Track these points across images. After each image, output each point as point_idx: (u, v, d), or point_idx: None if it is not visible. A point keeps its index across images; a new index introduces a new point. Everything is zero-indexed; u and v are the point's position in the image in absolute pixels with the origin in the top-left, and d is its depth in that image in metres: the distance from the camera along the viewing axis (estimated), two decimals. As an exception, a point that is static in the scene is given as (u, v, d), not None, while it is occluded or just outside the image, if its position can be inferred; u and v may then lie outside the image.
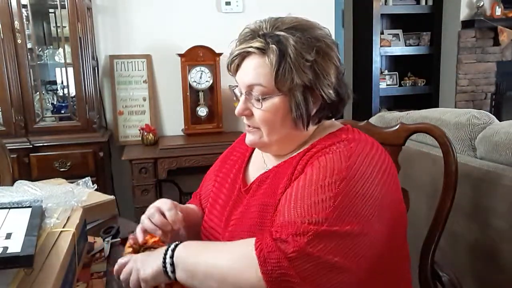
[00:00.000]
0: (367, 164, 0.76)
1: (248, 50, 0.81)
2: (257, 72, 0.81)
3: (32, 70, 2.28)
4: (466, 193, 1.22)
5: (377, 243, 0.73)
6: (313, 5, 2.70)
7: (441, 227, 1.05)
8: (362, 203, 0.72)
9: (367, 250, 0.71)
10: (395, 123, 1.13)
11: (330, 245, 0.67)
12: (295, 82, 0.79)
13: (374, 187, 0.74)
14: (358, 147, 0.78)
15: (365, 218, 0.71)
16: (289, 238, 0.67)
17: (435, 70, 4.09)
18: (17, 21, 2.18)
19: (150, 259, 0.77)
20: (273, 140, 0.85)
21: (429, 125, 1.09)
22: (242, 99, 0.85)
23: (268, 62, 0.79)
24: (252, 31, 0.83)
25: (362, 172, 0.74)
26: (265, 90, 0.80)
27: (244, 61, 0.83)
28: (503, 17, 3.81)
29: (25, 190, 1.00)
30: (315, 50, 0.79)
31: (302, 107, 0.81)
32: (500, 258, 1.15)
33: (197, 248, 0.78)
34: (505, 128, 1.26)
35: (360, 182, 0.73)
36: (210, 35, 2.66)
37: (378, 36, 3.89)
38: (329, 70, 0.81)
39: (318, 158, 0.77)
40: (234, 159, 1.02)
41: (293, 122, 0.83)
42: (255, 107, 0.83)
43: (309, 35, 0.80)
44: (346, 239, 0.69)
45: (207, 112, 2.62)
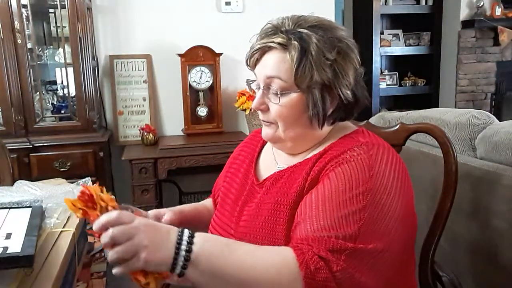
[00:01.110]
0: (388, 172, 0.76)
1: (270, 45, 0.82)
2: (278, 66, 0.81)
3: (32, 70, 2.28)
4: (466, 193, 1.22)
5: (396, 256, 0.73)
6: (313, 5, 2.70)
7: (441, 227, 1.05)
8: (388, 217, 0.72)
9: (387, 265, 0.71)
10: (395, 123, 1.13)
11: (362, 264, 0.68)
12: (314, 80, 0.79)
13: (396, 197, 0.74)
14: (378, 154, 0.77)
15: (390, 233, 0.71)
16: (329, 256, 0.66)
17: (435, 70, 4.09)
18: (17, 21, 2.18)
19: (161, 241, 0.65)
20: (288, 136, 0.85)
21: (429, 125, 1.09)
22: (260, 93, 0.85)
23: (289, 58, 0.79)
24: (274, 27, 0.83)
25: (385, 182, 0.74)
26: (284, 85, 0.81)
27: (265, 55, 0.84)
28: (503, 17, 3.81)
29: (25, 190, 1.00)
30: (336, 50, 0.80)
31: (319, 106, 0.81)
32: (500, 258, 1.15)
33: (221, 246, 0.69)
34: (505, 128, 1.26)
35: (384, 193, 0.73)
36: (210, 35, 2.66)
37: (378, 36, 3.90)
38: (348, 71, 0.82)
39: (341, 165, 0.76)
40: (244, 154, 1.01)
41: (308, 120, 0.83)
42: (272, 102, 0.83)
43: (331, 34, 0.81)
44: (375, 257, 0.69)
45: (207, 112, 2.62)
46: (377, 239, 0.69)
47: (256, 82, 0.87)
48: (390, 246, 0.71)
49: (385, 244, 0.70)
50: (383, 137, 1.10)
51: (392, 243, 0.72)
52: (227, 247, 0.69)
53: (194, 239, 0.67)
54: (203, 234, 0.70)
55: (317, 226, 0.70)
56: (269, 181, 0.88)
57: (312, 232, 0.70)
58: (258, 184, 0.90)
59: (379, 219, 0.71)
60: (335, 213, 0.71)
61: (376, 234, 0.69)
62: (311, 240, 0.69)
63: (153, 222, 0.69)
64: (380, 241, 0.69)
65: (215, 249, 0.68)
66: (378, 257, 0.69)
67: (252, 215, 0.86)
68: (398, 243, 0.73)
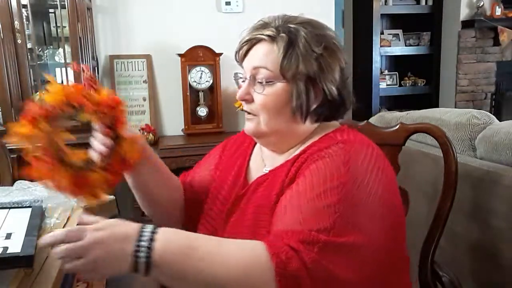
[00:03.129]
0: (364, 167, 0.75)
1: (259, 37, 0.83)
2: (265, 56, 0.82)
3: (32, 70, 2.28)
4: (466, 193, 1.22)
5: (377, 252, 0.72)
6: (313, 5, 2.70)
7: (441, 227, 1.05)
8: (364, 211, 0.71)
9: (368, 260, 0.70)
10: (395, 123, 1.13)
11: (336, 257, 0.67)
12: (300, 70, 0.80)
13: (373, 192, 0.73)
14: (355, 150, 0.77)
15: (367, 227, 0.71)
16: (300, 247, 0.65)
17: (435, 70, 4.09)
18: (17, 21, 2.18)
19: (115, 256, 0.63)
20: (270, 130, 0.85)
21: (429, 125, 1.09)
22: (246, 83, 0.86)
23: (276, 48, 0.81)
24: (265, 23, 0.85)
25: (361, 177, 0.73)
26: (270, 75, 0.82)
27: (253, 47, 0.85)
28: (503, 17, 3.81)
29: (25, 190, 1.00)
30: (323, 45, 0.82)
31: (303, 97, 0.82)
32: (500, 258, 1.15)
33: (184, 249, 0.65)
34: (505, 128, 1.26)
35: (360, 188, 0.72)
36: (210, 35, 2.66)
37: (378, 36, 3.89)
38: (334, 67, 0.83)
39: (316, 162, 0.77)
40: (236, 155, 1.00)
41: (291, 113, 0.83)
42: (257, 92, 0.84)
43: (319, 31, 0.83)
44: (351, 251, 0.68)
45: (207, 112, 2.62)
46: (353, 233, 0.68)
47: (243, 75, 0.88)
48: (369, 242, 0.70)
49: (363, 239, 0.69)
50: (383, 137, 1.10)
51: (371, 239, 0.71)
52: (191, 250, 0.66)
53: (155, 243, 0.64)
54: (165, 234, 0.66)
55: (290, 220, 0.70)
56: (253, 185, 0.88)
57: (285, 226, 0.70)
58: (241, 194, 0.90)
59: (355, 213, 0.70)
60: (309, 207, 0.70)
61: (351, 228, 0.69)
62: (284, 233, 0.68)
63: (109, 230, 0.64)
64: (356, 235, 0.68)
65: (177, 253, 0.65)
66: (355, 252, 0.68)
67: (237, 220, 0.86)
68: (378, 240, 0.72)
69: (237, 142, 1.03)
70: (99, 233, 0.63)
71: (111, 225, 0.65)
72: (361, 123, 1.19)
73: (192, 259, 0.64)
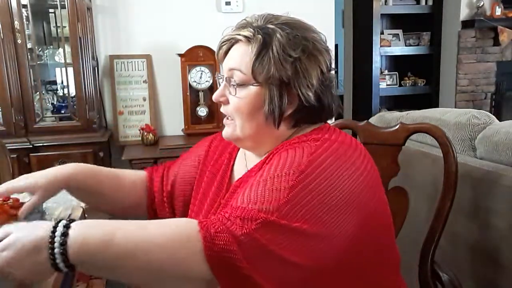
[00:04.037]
0: (331, 162, 0.73)
1: (236, 37, 0.82)
2: (240, 58, 0.81)
3: (32, 70, 2.28)
4: (466, 193, 1.22)
5: (341, 245, 0.71)
6: (313, 5, 2.70)
7: (441, 227, 1.05)
8: (319, 202, 0.69)
9: (327, 251, 0.69)
10: (395, 123, 1.13)
11: (278, 237, 0.65)
12: (272, 74, 0.78)
13: (336, 185, 0.71)
14: (326, 145, 0.75)
15: (320, 219, 0.68)
16: (236, 220, 0.64)
17: (435, 70, 4.09)
18: (17, 21, 2.18)
19: (30, 262, 0.61)
20: (245, 134, 0.84)
21: (429, 125, 1.09)
22: (222, 85, 0.85)
23: (251, 51, 0.79)
24: (247, 23, 0.84)
25: (323, 170, 0.71)
26: (243, 78, 0.81)
27: (232, 48, 0.84)
28: (503, 17, 3.80)
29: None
30: (301, 48, 0.79)
31: (275, 103, 0.79)
32: (500, 258, 1.15)
33: (105, 238, 0.62)
34: (505, 128, 1.26)
35: (319, 180, 0.70)
36: (210, 35, 2.65)
37: (378, 36, 3.89)
38: (312, 71, 0.80)
39: (281, 153, 0.75)
40: (221, 160, 0.99)
41: (264, 117, 0.81)
42: (231, 94, 0.83)
43: (299, 33, 0.80)
44: (297, 236, 0.66)
45: (207, 112, 2.62)
46: (305, 221, 0.66)
47: (222, 75, 0.87)
48: (327, 233, 0.68)
49: (318, 229, 0.67)
50: (383, 137, 1.10)
51: (330, 231, 0.69)
52: (109, 239, 0.62)
53: (68, 247, 0.61)
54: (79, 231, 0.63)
55: (241, 199, 0.69)
56: (232, 188, 0.86)
57: (234, 204, 0.68)
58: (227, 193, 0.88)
59: (309, 202, 0.68)
60: (261, 188, 0.69)
61: (300, 216, 0.67)
62: (225, 210, 0.67)
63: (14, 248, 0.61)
64: (308, 224, 0.67)
65: (95, 247, 0.62)
66: (305, 238, 0.66)
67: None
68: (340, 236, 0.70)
69: (222, 143, 1.02)
70: (4, 254, 0.61)
71: (16, 240, 0.62)
72: (361, 123, 1.19)
73: (112, 248, 0.62)
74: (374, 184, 0.79)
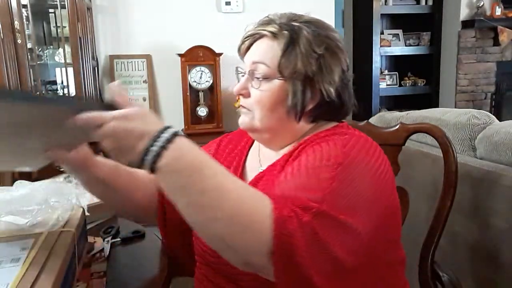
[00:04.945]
0: (363, 156, 0.74)
1: (261, 32, 0.83)
2: (265, 52, 0.82)
3: (32, 70, 2.28)
4: (466, 193, 1.22)
5: (368, 240, 0.71)
6: (313, 5, 2.71)
7: (441, 227, 1.05)
8: (356, 195, 0.70)
9: (356, 245, 0.69)
10: (395, 123, 1.13)
11: (329, 230, 0.64)
12: (298, 69, 0.80)
13: (366, 180, 0.73)
14: (353, 139, 0.77)
15: (356, 211, 0.69)
16: (297, 210, 0.63)
17: (435, 70, 4.09)
18: (17, 21, 2.18)
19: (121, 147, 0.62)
20: (264, 127, 0.84)
21: (429, 125, 1.09)
22: (244, 78, 0.86)
23: (277, 46, 0.81)
24: (270, 20, 0.85)
25: (358, 163, 0.73)
26: (268, 71, 0.81)
27: (255, 42, 0.85)
28: (503, 17, 3.81)
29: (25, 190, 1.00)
30: (324, 46, 0.81)
31: (298, 97, 0.81)
32: (500, 258, 1.15)
33: (204, 154, 0.64)
34: (505, 128, 1.26)
35: (355, 172, 0.71)
36: (210, 35, 2.66)
37: (378, 36, 3.90)
38: (334, 68, 0.82)
39: (314, 146, 0.76)
40: (232, 156, 0.99)
41: (286, 111, 0.83)
42: (254, 87, 0.83)
43: (322, 32, 0.83)
44: (342, 229, 0.66)
45: (207, 112, 2.62)
46: (346, 213, 0.66)
47: (243, 69, 0.88)
48: (358, 226, 0.68)
49: (357, 222, 0.67)
50: (383, 137, 1.10)
51: (363, 225, 0.69)
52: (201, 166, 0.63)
53: (166, 151, 0.61)
54: (181, 143, 0.64)
55: (286, 187, 0.69)
56: (251, 184, 0.86)
57: (282, 191, 0.68)
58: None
59: (347, 193, 0.68)
60: (304, 179, 0.69)
61: (343, 206, 0.67)
62: (281, 198, 0.66)
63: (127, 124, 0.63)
64: (348, 215, 0.67)
65: (187, 166, 0.62)
66: (351, 232, 0.66)
67: None
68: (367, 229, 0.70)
69: (232, 141, 1.02)
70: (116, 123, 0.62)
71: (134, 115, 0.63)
72: (361, 123, 1.19)
73: (197, 176, 0.62)
74: (392, 181, 0.81)
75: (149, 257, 0.99)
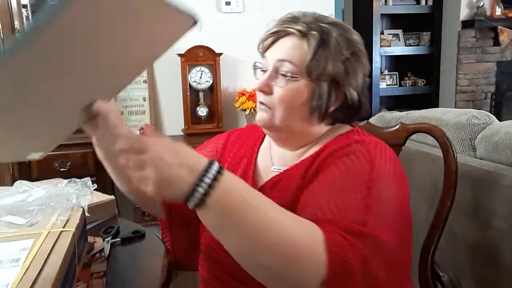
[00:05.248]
0: (387, 168, 0.75)
1: (289, 30, 0.82)
2: (293, 51, 0.81)
3: (32, 70, 2.28)
4: (466, 193, 1.22)
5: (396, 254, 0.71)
6: (313, 5, 2.70)
7: (441, 227, 1.05)
8: (387, 208, 0.70)
9: (393, 261, 0.69)
10: (395, 123, 1.13)
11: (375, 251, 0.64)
12: (327, 71, 0.80)
13: (395, 193, 0.73)
14: (376, 150, 0.77)
15: (390, 226, 0.69)
16: (348, 237, 0.62)
17: (435, 70, 4.09)
18: (17, 21, 2.18)
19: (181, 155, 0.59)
20: (284, 125, 0.83)
21: (429, 125, 1.09)
22: (266, 75, 0.84)
23: (306, 46, 0.80)
24: (295, 17, 0.84)
25: (383, 175, 0.73)
26: (295, 70, 0.81)
27: (280, 39, 0.84)
28: (503, 17, 3.81)
29: (25, 190, 1.00)
30: (351, 50, 0.82)
31: (324, 99, 0.82)
32: (500, 258, 1.15)
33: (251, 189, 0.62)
34: (505, 128, 1.26)
35: (383, 186, 0.72)
36: (210, 35, 2.66)
37: (378, 36, 3.90)
38: (358, 72, 0.83)
39: (340, 159, 0.75)
40: (241, 152, 0.97)
41: (309, 112, 0.82)
42: (278, 85, 0.82)
43: (349, 35, 0.83)
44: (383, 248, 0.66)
45: (207, 112, 2.62)
46: (384, 231, 0.66)
47: (263, 65, 0.86)
48: (395, 241, 0.68)
49: (391, 238, 0.67)
50: (383, 137, 1.10)
51: (394, 240, 0.69)
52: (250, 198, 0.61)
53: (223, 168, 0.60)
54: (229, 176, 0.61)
55: (327, 209, 0.67)
56: (268, 185, 0.86)
57: (322, 214, 0.66)
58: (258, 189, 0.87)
59: (382, 210, 0.69)
60: (340, 199, 0.68)
61: (382, 225, 0.67)
62: (325, 221, 0.64)
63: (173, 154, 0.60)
64: (386, 233, 0.67)
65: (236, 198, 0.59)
66: (386, 250, 0.66)
67: None
68: (397, 242, 0.71)
69: (241, 137, 1.00)
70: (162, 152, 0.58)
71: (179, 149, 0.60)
72: (361, 123, 1.19)
73: (250, 208, 0.59)
74: (407, 183, 0.81)
75: (149, 257, 0.99)
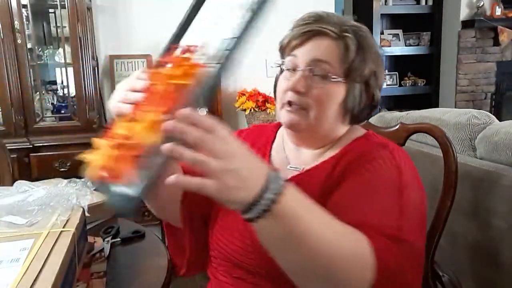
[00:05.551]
0: (410, 171, 0.77)
1: (323, 30, 0.82)
2: (330, 52, 0.82)
3: (32, 70, 2.28)
4: (466, 193, 1.22)
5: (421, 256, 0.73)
6: (313, 5, 2.70)
7: (441, 227, 1.05)
8: (414, 210, 0.72)
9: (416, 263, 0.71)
10: (395, 123, 1.13)
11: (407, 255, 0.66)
12: (364, 73, 0.82)
13: (420, 196, 0.76)
14: (398, 154, 0.78)
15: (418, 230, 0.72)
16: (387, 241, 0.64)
17: (435, 70, 4.09)
18: (17, 21, 2.18)
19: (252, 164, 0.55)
20: (319, 125, 0.83)
21: (429, 125, 1.09)
22: (299, 74, 0.83)
23: (343, 47, 0.81)
24: (320, 16, 0.85)
25: (408, 178, 0.75)
26: (332, 71, 0.81)
27: (311, 39, 0.83)
28: (503, 17, 3.81)
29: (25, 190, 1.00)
30: (377, 53, 0.86)
31: (357, 100, 0.84)
32: (500, 258, 1.15)
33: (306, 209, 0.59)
34: (505, 128, 1.26)
35: (409, 189, 0.73)
36: (210, 35, 2.66)
37: (378, 36, 3.90)
38: (381, 75, 0.86)
39: (367, 164, 0.76)
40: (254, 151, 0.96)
41: (342, 112, 0.84)
42: (316, 85, 0.81)
43: (371, 37, 0.86)
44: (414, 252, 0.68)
45: (207, 112, 2.62)
46: (415, 234, 0.69)
47: (290, 63, 0.85)
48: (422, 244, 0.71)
49: (419, 242, 0.70)
50: (383, 137, 1.10)
51: (421, 242, 0.72)
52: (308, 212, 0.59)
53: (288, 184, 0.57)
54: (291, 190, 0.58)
55: (363, 213, 0.68)
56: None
57: (361, 219, 0.66)
58: None
59: (411, 214, 0.71)
60: (376, 204, 0.70)
61: (413, 229, 0.69)
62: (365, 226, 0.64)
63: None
64: (416, 238, 0.69)
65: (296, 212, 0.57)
66: (416, 253, 0.68)
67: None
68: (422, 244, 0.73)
69: (248, 138, 0.99)
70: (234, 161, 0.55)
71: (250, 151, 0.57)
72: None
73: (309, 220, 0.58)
74: (422, 185, 0.82)
75: (149, 257, 0.99)
